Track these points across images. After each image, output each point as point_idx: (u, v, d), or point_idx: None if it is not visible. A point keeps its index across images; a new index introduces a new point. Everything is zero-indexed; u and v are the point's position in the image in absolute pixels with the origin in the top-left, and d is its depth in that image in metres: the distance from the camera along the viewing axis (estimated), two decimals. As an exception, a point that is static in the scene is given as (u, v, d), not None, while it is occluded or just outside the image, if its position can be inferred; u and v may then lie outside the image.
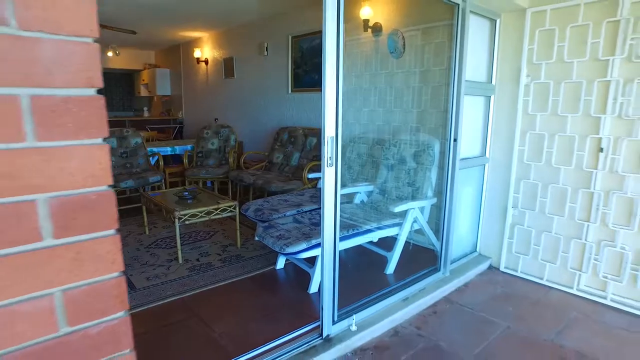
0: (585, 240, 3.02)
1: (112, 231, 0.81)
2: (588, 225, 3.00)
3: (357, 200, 3.80)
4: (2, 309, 0.70)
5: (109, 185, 0.79)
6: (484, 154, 3.48)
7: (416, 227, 3.34)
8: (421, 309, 2.86)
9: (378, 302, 2.70)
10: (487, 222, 3.61)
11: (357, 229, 3.03)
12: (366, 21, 4.11)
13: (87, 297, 0.79)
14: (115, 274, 0.83)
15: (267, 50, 5.98)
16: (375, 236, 3.14)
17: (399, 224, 3.24)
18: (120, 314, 0.85)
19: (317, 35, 4.92)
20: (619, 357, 2.37)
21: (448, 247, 3.19)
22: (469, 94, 3.05)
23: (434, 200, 3.30)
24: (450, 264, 3.28)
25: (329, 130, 2.13)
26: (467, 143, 3.26)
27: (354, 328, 2.45)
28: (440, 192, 3.18)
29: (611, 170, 2.86)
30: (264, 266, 3.37)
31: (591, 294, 3.04)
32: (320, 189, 4.24)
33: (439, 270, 3.20)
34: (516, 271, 3.44)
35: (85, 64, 0.72)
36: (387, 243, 3.36)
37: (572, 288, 3.13)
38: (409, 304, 2.79)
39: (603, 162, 2.88)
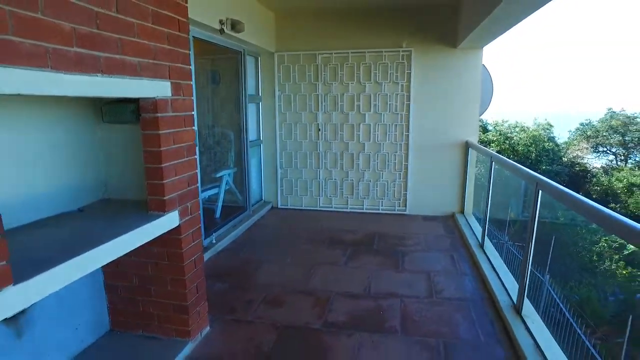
0: (319, 179, 5.61)
1: (196, 156, 2.43)
2: (319, 170, 5.58)
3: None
4: (182, 178, 2.28)
5: (194, 142, 2.42)
6: (259, 137, 5.65)
7: (227, 187, 5.21)
8: (245, 230, 4.81)
9: (222, 227, 4.49)
10: (266, 180, 5.82)
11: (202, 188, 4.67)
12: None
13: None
14: (195, 171, 2.45)
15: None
16: (206, 194, 4.85)
17: (218, 185, 5.04)
18: (195, 171, 2.48)
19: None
20: (340, 224, 4.96)
21: (250, 196, 5.22)
22: (250, 102, 5.13)
23: (235, 169, 5.25)
24: (251, 206, 5.33)
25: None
26: (251, 132, 5.33)
27: (214, 241, 4.18)
28: (240, 163, 5.16)
29: (325, 140, 5.49)
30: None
31: (326, 207, 5.67)
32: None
33: (247, 210, 5.20)
34: (287, 206, 5.79)
35: (191, 105, 2.35)
36: (211, 201, 5.11)
37: (317, 207, 5.69)
38: (237, 227, 4.68)
39: (321, 135, 5.48)
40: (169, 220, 2.21)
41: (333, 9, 5.11)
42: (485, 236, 4.10)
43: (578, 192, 2.01)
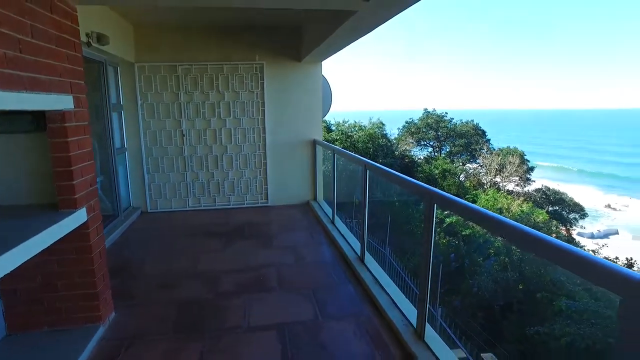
0: (187, 181, 6.00)
1: (93, 161, 2.75)
2: (186, 173, 5.98)
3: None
4: (86, 179, 2.60)
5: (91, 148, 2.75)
6: (124, 145, 5.76)
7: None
8: (120, 234, 4.95)
9: (96, 234, 4.58)
10: (134, 185, 5.94)
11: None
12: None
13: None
14: (94, 173, 2.77)
15: None
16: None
17: (85, 195, 5.04)
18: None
19: None
20: (212, 219, 5.47)
21: (120, 202, 5.34)
22: (113, 111, 5.25)
23: (102, 177, 5.30)
24: (122, 212, 5.44)
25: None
26: (117, 139, 5.44)
27: (92, 247, 4.29)
28: (108, 171, 5.25)
29: (190, 144, 5.91)
30: None
31: (195, 206, 6.09)
32: None
33: (119, 216, 5.31)
34: (157, 209, 6.02)
35: (87, 116, 2.68)
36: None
37: (186, 207, 6.07)
38: (112, 233, 4.81)
39: (186, 141, 5.89)
40: (80, 216, 2.53)
41: (190, 24, 5.58)
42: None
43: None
